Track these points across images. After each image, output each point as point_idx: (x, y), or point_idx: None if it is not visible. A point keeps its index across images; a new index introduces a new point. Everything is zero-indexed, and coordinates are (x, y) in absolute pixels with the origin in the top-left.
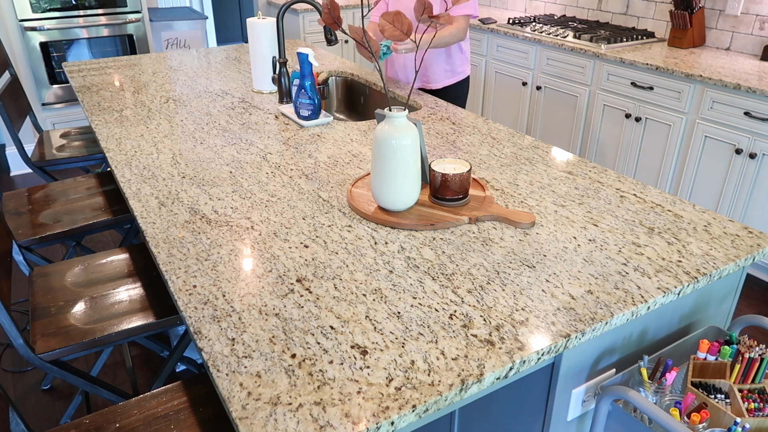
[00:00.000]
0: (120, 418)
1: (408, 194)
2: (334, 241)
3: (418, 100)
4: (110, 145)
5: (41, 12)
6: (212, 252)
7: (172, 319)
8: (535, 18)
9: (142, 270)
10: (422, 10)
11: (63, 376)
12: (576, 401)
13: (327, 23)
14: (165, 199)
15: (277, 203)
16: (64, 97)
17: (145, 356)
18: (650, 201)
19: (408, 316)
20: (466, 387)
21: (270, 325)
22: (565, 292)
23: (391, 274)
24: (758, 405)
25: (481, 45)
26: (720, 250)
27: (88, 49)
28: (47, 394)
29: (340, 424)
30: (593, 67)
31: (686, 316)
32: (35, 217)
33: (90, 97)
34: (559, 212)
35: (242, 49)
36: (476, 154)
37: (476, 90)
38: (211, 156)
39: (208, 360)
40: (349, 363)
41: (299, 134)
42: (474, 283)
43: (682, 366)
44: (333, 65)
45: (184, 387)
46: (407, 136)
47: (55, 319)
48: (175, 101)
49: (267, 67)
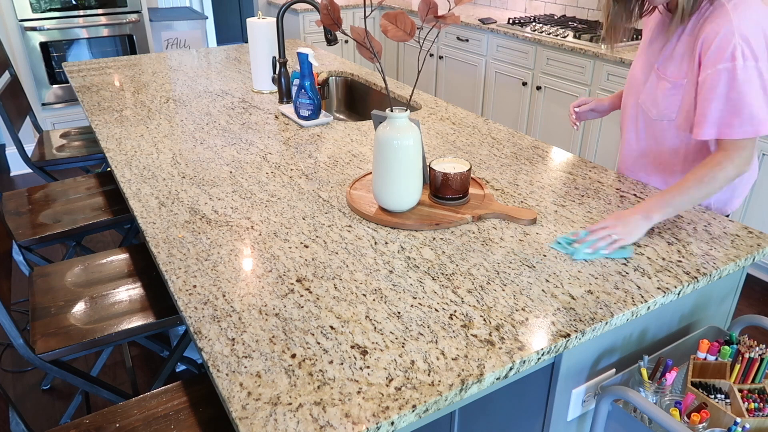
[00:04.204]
0: (120, 418)
1: (410, 195)
2: (334, 241)
3: (418, 99)
4: (110, 145)
5: (41, 12)
6: (212, 252)
7: (172, 319)
8: (535, 18)
9: (142, 270)
10: (427, 9)
11: (63, 376)
12: (576, 401)
13: (326, 24)
14: (165, 199)
15: (277, 203)
16: (64, 97)
17: (145, 356)
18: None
19: (408, 316)
20: (466, 387)
21: (270, 325)
22: (565, 292)
23: (391, 274)
24: (758, 405)
25: (481, 45)
26: (720, 250)
27: (88, 49)
28: (47, 394)
29: (340, 424)
30: (593, 67)
31: (686, 316)
32: (35, 217)
33: (90, 97)
34: (559, 212)
35: (242, 49)
36: (476, 154)
37: (476, 90)
38: (211, 156)
39: (208, 360)
40: (349, 363)
41: (299, 134)
42: (474, 283)
43: (682, 366)
44: (333, 65)
45: (184, 387)
46: (409, 137)
47: (55, 319)
48: (175, 101)
49: (267, 67)
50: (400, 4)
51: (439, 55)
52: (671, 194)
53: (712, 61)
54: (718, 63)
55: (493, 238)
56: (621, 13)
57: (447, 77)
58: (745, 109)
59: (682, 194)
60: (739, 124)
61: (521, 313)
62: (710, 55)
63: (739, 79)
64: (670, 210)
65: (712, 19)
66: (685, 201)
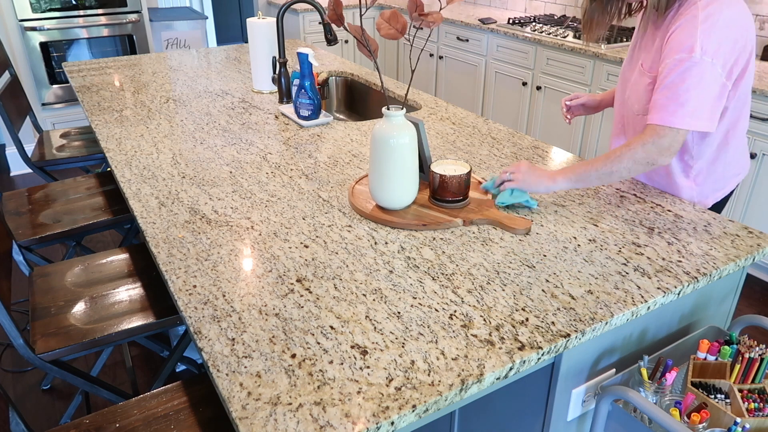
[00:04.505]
0: (120, 418)
1: (405, 193)
2: (334, 241)
3: (417, 99)
4: (110, 145)
5: (41, 12)
6: (212, 252)
7: (172, 319)
8: (535, 18)
9: (142, 270)
10: (414, 8)
11: (63, 376)
12: (576, 401)
13: (332, 20)
14: (165, 199)
15: (277, 203)
16: (64, 97)
17: (145, 356)
18: (650, 201)
19: (408, 316)
20: (466, 387)
21: (270, 325)
22: (565, 292)
23: (391, 274)
24: (758, 405)
25: (481, 45)
26: (720, 250)
27: (88, 49)
28: (47, 394)
29: (340, 424)
30: (593, 67)
31: (686, 316)
32: (35, 217)
33: (90, 97)
34: (559, 212)
35: (242, 49)
36: (476, 154)
37: (476, 90)
38: (211, 156)
39: (208, 360)
40: (349, 363)
41: (299, 134)
42: (474, 283)
43: (682, 366)
44: (333, 65)
45: (184, 387)
46: (405, 135)
47: (55, 319)
48: (175, 101)
49: (267, 67)
50: (400, 4)
51: (439, 55)
52: (580, 165)
53: (671, 51)
54: (676, 54)
55: (493, 238)
56: (597, 10)
57: (447, 77)
58: (690, 101)
59: (588, 166)
60: (681, 114)
61: (521, 313)
62: (671, 46)
63: (692, 71)
64: (573, 177)
65: (682, 12)
66: (591, 173)
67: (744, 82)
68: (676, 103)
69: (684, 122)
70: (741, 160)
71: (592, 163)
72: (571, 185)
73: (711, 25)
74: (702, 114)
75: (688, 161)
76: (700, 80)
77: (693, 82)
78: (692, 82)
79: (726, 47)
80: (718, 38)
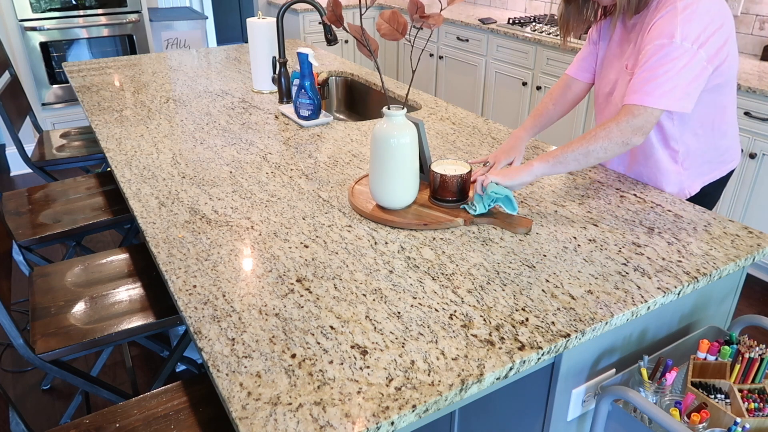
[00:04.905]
0: (120, 418)
1: (405, 193)
2: (334, 241)
3: (417, 99)
4: (110, 145)
5: (41, 12)
6: (212, 252)
7: (172, 319)
8: (535, 18)
9: (142, 270)
10: (415, 9)
11: (63, 376)
12: (576, 401)
13: (331, 21)
14: (165, 199)
15: (277, 203)
16: (64, 97)
17: (145, 356)
18: (650, 201)
19: (408, 316)
20: (466, 387)
21: (270, 325)
22: (565, 292)
23: (391, 274)
24: (758, 405)
25: (481, 45)
26: (720, 250)
27: (88, 49)
28: (47, 394)
29: (340, 424)
30: None
31: (686, 316)
32: (35, 217)
33: (90, 97)
34: (559, 212)
35: (242, 49)
36: (476, 154)
37: (476, 90)
38: (211, 156)
39: (208, 360)
40: (349, 363)
41: (299, 134)
42: (474, 283)
43: (682, 366)
44: (333, 65)
45: (184, 387)
46: (405, 135)
47: (55, 319)
48: (175, 101)
49: (267, 67)
50: (400, 4)
51: (439, 55)
52: (556, 149)
53: (651, 38)
54: (656, 39)
55: (493, 238)
56: (573, 13)
57: (447, 77)
58: (667, 83)
59: (564, 148)
60: (657, 95)
61: (521, 313)
62: (651, 35)
63: (671, 55)
64: (551, 161)
65: (660, 8)
66: (568, 155)
67: (727, 66)
68: (651, 85)
69: (658, 102)
70: (731, 148)
71: (568, 145)
72: (548, 170)
73: (691, 13)
74: (675, 94)
75: (674, 146)
76: (677, 63)
77: (671, 66)
78: (670, 65)
79: (706, 33)
80: (698, 25)
